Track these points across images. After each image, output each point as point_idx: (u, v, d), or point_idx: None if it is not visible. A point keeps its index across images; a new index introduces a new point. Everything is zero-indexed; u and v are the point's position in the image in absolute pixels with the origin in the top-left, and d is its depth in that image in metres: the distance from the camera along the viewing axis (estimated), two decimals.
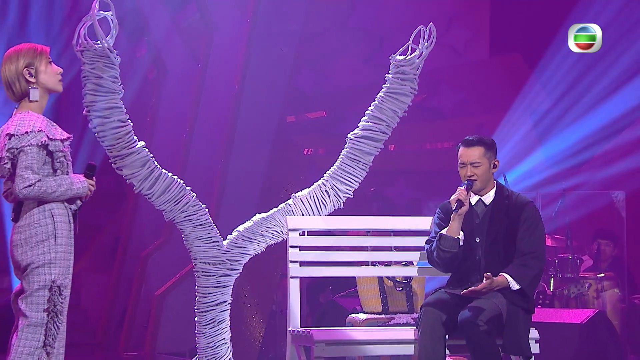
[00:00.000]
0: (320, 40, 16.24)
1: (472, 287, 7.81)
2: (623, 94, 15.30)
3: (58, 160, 6.75)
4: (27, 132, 6.65)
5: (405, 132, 14.76)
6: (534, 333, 7.98)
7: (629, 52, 15.23)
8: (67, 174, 6.80)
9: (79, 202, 6.89)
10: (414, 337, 8.09)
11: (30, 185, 6.58)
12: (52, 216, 6.71)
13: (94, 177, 6.94)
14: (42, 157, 6.68)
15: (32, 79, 6.83)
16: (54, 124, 6.83)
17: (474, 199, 8.10)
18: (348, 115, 17.41)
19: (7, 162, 6.68)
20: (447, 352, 7.91)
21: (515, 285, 7.82)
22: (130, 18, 15.05)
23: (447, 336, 7.83)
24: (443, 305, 7.88)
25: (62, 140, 6.79)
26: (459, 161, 8.14)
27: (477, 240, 8.01)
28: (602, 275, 13.19)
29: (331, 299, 12.42)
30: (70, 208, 6.84)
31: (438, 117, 17.33)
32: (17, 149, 6.64)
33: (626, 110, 15.36)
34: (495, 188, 8.15)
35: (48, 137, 6.69)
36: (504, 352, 7.81)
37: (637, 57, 15.19)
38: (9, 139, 6.67)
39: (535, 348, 7.97)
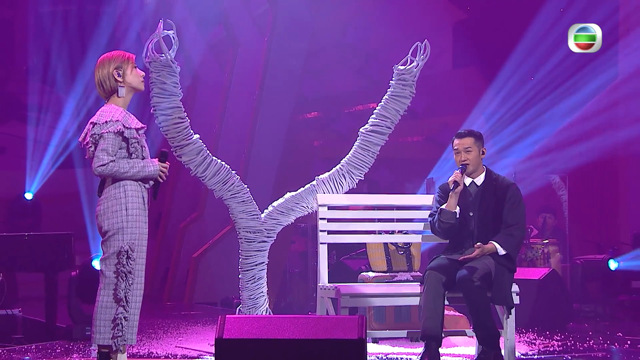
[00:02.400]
0: (320, 55, 16.08)
1: (468, 255, 7.71)
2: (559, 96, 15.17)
3: (132, 146, 6.63)
4: (106, 122, 6.56)
5: None
6: (515, 288, 7.85)
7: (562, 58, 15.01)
8: (143, 158, 6.66)
9: (151, 182, 6.72)
10: (414, 292, 7.97)
11: (103, 165, 6.49)
12: (125, 191, 6.59)
13: (166, 161, 6.76)
14: (117, 142, 6.56)
15: (119, 79, 6.71)
16: (132, 115, 6.70)
17: (467, 180, 7.98)
18: (341, 115, 17.32)
19: (91, 146, 6.59)
20: (447, 302, 7.76)
21: (502, 251, 7.73)
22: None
23: (446, 292, 7.71)
24: (443, 268, 7.75)
25: (137, 129, 6.66)
26: (454, 149, 8.03)
27: (471, 214, 7.90)
28: (547, 241, 13.09)
29: (339, 260, 12.26)
30: (144, 186, 6.66)
31: (412, 117, 17.20)
32: (98, 134, 6.55)
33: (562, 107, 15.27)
34: (485, 172, 8.02)
35: (124, 125, 6.58)
36: (492, 302, 7.73)
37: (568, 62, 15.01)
38: (92, 126, 6.60)
39: (516, 299, 7.85)
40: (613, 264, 12.67)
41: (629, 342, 9.54)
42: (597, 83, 15.22)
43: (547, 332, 10.21)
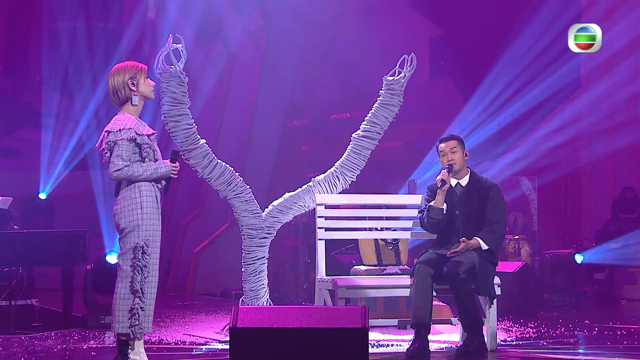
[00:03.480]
0: (310, 67, 16.00)
1: (454, 249, 7.66)
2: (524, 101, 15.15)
3: (145, 151, 6.55)
4: (120, 130, 6.48)
5: None
6: (497, 280, 7.81)
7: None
8: (155, 160, 6.57)
9: (163, 182, 6.64)
10: (404, 284, 7.91)
11: (118, 170, 6.43)
12: (140, 191, 6.52)
13: (177, 161, 6.67)
14: (131, 148, 6.49)
15: (134, 88, 6.59)
16: (143, 122, 6.64)
17: (453, 181, 7.94)
18: (327, 122, 17.26)
19: (107, 152, 6.52)
20: (434, 293, 7.70)
21: (484, 246, 7.69)
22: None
23: (434, 284, 7.66)
24: (432, 262, 7.71)
25: (148, 135, 6.57)
26: (441, 152, 7.99)
27: (457, 212, 7.85)
28: (518, 237, 13.06)
29: (330, 255, 12.16)
30: (157, 186, 6.59)
31: (392, 124, 17.12)
32: (112, 142, 6.48)
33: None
34: (469, 174, 7.97)
35: (136, 132, 6.51)
36: (476, 293, 7.70)
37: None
38: (107, 134, 6.52)
39: (497, 290, 7.82)
40: (579, 258, 12.67)
41: (596, 329, 9.50)
42: (560, 92, 15.28)
43: (522, 320, 10.17)
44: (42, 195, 14.99)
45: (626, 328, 9.57)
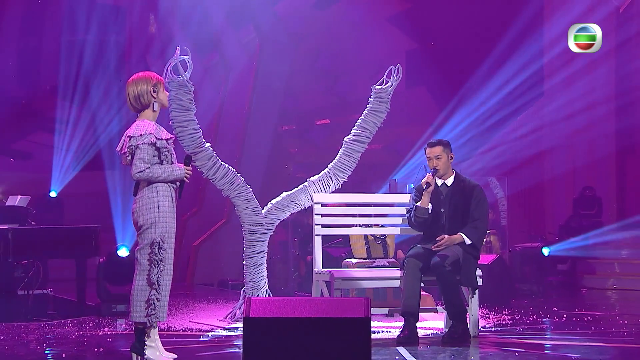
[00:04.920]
0: (298, 76, 15.91)
1: (437, 244, 7.61)
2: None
3: (163, 154, 6.45)
4: (141, 134, 6.38)
5: None
6: (479, 272, 7.75)
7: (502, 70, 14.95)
8: (171, 163, 6.48)
9: (178, 183, 6.53)
10: (393, 275, 7.86)
11: (140, 171, 6.34)
12: (157, 191, 6.41)
13: (190, 165, 6.58)
14: (151, 152, 6.38)
15: (154, 95, 6.47)
16: (162, 127, 6.53)
17: (439, 182, 7.86)
18: (313, 127, 17.19)
19: (128, 155, 6.43)
20: (422, 284, 7.63)
21: (468, 241, 7.63)
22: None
23: (422, 276, 7.58)
24: (420, 256, 7.64)
25: (167, 140, 6.47)
26: (427, 156, 7.91)
27: (442, 210, 7.78)
28: (488, 232, 12.99)
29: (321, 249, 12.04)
30: (172, 186, 6.49)
31: None
32: (134, 146, 6.38)
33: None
34: (454, 175, 7.89)
35: (156, 137, 6.41)
36: (460, 284, 7.62)
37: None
38: (129, 139, 6.42)
39: (479, 282, 7.74)
40: (546, 251, 12.67)
41: (565, 315, 9.47)
42: (525, 99, 15.29)
43: (497, 308, 10.11)
44: (53, 194, 14.85)
45: (591, 315, 9.55)
